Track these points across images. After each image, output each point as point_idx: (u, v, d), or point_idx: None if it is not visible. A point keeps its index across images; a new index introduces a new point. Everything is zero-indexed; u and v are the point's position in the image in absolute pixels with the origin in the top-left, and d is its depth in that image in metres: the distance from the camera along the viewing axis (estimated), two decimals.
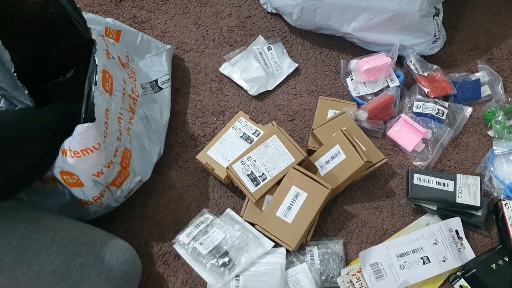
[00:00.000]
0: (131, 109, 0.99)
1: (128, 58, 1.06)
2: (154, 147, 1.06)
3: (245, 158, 1.00)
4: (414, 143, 1.08)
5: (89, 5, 1.35)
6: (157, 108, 1.12)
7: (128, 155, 0.95)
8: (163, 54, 1.18)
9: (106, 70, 0.87)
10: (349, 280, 0.95)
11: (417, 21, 1.10)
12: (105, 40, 0.92)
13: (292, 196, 0.96)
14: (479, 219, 0.99)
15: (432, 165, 1.08)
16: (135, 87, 1.03)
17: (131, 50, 1.13)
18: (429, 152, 1.08)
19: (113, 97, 0.89)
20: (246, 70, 1.21)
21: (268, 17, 1.33)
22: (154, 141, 1.07)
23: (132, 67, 1.07)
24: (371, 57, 1.16)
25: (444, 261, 0.94)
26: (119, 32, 1.10)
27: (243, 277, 0.93)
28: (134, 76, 1.06)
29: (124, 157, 0.93)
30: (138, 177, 0.99)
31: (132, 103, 1.00)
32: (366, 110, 1.09)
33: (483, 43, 1.27)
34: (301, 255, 0.97)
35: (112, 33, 1.08)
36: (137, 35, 1.15)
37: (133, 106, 1.01)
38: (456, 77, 1.17)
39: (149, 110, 1.09)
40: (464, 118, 1.13)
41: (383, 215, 1.04)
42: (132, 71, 1.06)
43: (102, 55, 0.88)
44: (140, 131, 1.03)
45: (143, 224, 1.04)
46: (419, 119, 1.10)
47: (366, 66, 1.13)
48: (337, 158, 0.99)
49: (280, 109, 1.18)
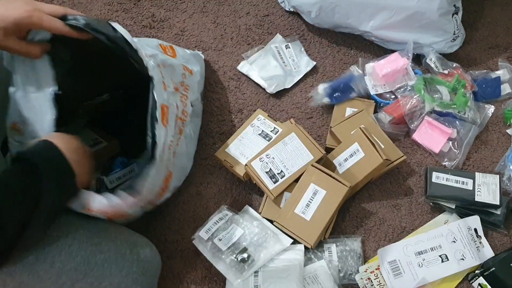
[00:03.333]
0: (180, 131, 0.98)
1: (184, 76, 1.04)
2: (189, 164, 1.08)
3: (263, 156, 1.00)
4: (441, 144, 1.07)
5: (108, 4, 1.37)
6: (197, 121, 1.12)
7: (169, 178, 0.95)
8: (204, 65, 1.17)
9: (164, 104, 0.86)
10: (367, 277, 0.95)
11: (436, 19, 1.10)
12: (160, 69, 0.90)
13: (310, 193, 0.96)
14: (498, 217, 0.99)
15: (461, 164, 1.08)
16: (186, 107, 1.02)
17: None
18: (457, 152, 1.08)
19: (168, 128, 0.89)
20: (264, 68, 1.22)
21: (286, 15, 1.33)
22: (190, 158, 1.08)
23: (187, 84, 1.04)
24: (387, 60, 1.15)
25: (462, 259, 0.94)
26: (172, 47, 1.08)
27: (262, 273, 0.94)
28: (186, 94, 1.03)
29: (166, 181, 0.94)
30: (170, 193, 1.01)
31: (181, 125, 0.99)
32: (392, 115, 1.09)
33: (502, 42, 1.26)
34: (319, 252, 0.98)
35: (167, 48, 1.06)
36: (184, 50, 1.13)
37: (182, 127, 1.00)
38: (476, 74, 1.17)
39: (193, 127, 1.08)
40: (487, 117, 1.13)
41: (401, 213, 1.04)
42: (186, 88, 1.04)
43: (159, 89, 0.86)
44: (183, 151, 1.02)
45: (162, 220, 1.05)
46: (442, 119, 1.09)
47: (384, 71, 1.12)
48: (355, 156, 0.99)
49: (298, 107, 1.18)
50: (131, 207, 0.86)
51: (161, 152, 0.84)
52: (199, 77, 1.12)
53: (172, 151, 0.94)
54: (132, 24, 1.32)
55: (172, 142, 0.91)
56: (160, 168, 0.85)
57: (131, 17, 1.34)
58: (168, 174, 0.94)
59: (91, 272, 0.81)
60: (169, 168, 0.94)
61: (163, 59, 0.97)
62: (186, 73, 1.05)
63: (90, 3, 1.37)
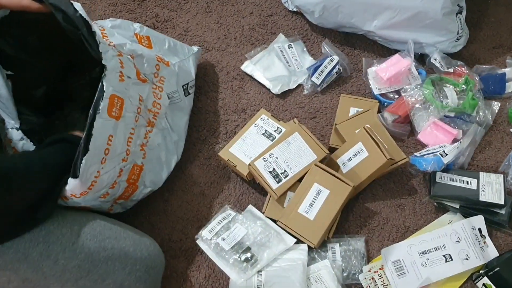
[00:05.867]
0: (149, 123, 0.98)
1: (158, 67, 1.02)
2: (171, 157, 1.07)
3: (267, 155, 1.00)
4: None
5: (112, 5, 1.37)
6: (181, 115, 1.11)
7: (138, 171, 0.96)
8: (190, 58, 1.16)
9: (115, 94, 0.85)
10: (371, 277, 0.95)
11: (440, 19, 1.10)
12: (123, 59, 0.89)
13: (314, 193, 0.96)
14: (503, 217, 0.98)
15: (467, 165, 1.07)
16: (160, 99, 1.01)
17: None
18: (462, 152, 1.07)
19: (122, 120, 0.87)
20: (269, 68, 1.22)
21: (289, 15, 1.33)
22: (171, 151, 1.07)
23: (162, 75, 1.03)
24: (388, 63, 1.15)
25: (466, 259, 0.94)
26: (148, 37, 1.07)
27: (265, 272, 0.94)
28: (161, 86, 1.03)
29: (131, 173, 0.94)
30: (148, 188, 1.01)
31: (152, 117, 0.99)
32: (398, 114, 1.09)
33: (506, 41, 1.26)
34: (323, 251, 0.98)
35: (143, 38, 1.06)
36: (164, 40, 1.12)
37: (153, 120, 0.99)
38: (481, 68, 1.17)
39: (173, 119, 1.08)
40: (493, 113, 1.12)
41: (405, 213, 1.04)
42: (161, 80, 1.03)
43: (113, 78, 0.85)
44: (157, 144, 1.02)
45: (166, 219, 1.05)
46: (448, 119, 1.09)
47: (388, 74, 1.12)
48: (359, 156, 0.99)
49: (301, 107, 1.18)
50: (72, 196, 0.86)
51: (103, 143, 0.83)
52: (177, 69, 1.09)
53: (139, 144, 0.94)
54: None
55: (132, 135, 0.91)
56: (97, 159, 0.83)
57: (135, 18, 1.34)
58: (133, 167, 0.94)
59: (95, 269, 0.82)
60: (136, 161, 0.94)
61: (133, 49, 0.96)
62: (161, 64, 1.04)
63: (94, 4, 1.37)
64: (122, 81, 0.87)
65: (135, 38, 1.03)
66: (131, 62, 0.93)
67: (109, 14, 1.35)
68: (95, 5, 1.37)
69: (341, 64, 1.19)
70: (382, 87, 1.15)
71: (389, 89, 1.14)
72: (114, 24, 1.02)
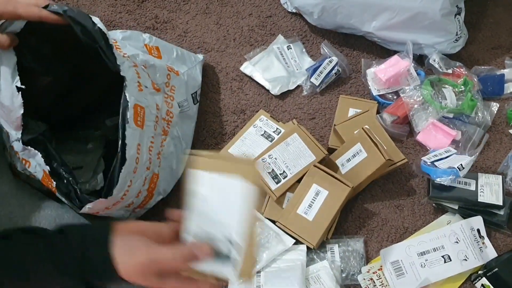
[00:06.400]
0: (164, 132, 0.98)
1: (169, 77, 1.03)
2: (180, 165, 1.06)
3: (266, 156, 1.01)
4: (445, 146, 1.06)
5: (112, 6, 1.37)
6: (190, 123, 1.11)
7: (155, 179, 0.96)
8: (197, 67, 1.16)
9: (138, 104, 0.86)
10: (369, 278, 0.95)
11: (438, 20, 1.10)
12: (138, 69, 0.90)
13: (313, 194, 0.96)
14: (501, 218, 0.98)
15: None
16: (172, 108, 1.01)
17: None
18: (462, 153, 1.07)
19: (145, 129, 0.88)
20: (268, 69, 1.22)
21: (288, 16, 1.33)
22: (180, 160, 1.07)
23: (173, 84, 1.04)
24: (387, 64, 1.15)
25: (465, 260, 0.94)
26: (157, 48, 1.08)
27: (264, 273, 0.94)
28: (172, 95, 1.03)
29: (151, 182, 0.94)
30: (160, 196, 1.01)
31: (166, 125, 0.99)
32: (397, 115, 1.09)
33: (505, 42, 1.26)
34: (322, 252, 0.98)
35: (153, 49, 1.06)
36: (172, 49, 1.12)
37: (167, 128, 1.00)
38: (480, 69, 1.17)
39: (182, 127, 1.07)
40: (492, 114, 1.12)
41: (404, 214, 1.04)
42: (172, 89, 1.03)
43: (133, 89, 0.86)
44: (170, 152, 1.02)
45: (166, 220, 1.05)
46: (447, 120, 1.09)
47: (387, 75, 1.12)
48: (358, 156, 0.99)
49: (301, 108, 1.18)
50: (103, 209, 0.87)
51: (134, 153, 0.84)
52: (186, 78, 1.10)
53: (156, 152, 0.94)
54: (136, 26, 1.33)
55: (152, 144, 0.91)
56: (131, 169, 0.84)
57: (135, 19, 1.34)
58: (153, 175, 0.94)
59: None
60: (154, 169, 0.94)
61: (145, 60, 0.96)
62: (172, 74, 1.04)
63: (94, 5, 1.37)
64: (141, 91, 0.88)
65: (146, 49, 1.04)
66: (145, 72, 0.93)
67: (108, 15, 1.35)
68: (94, 6, 1.37)
69: (340, 65, 1.19)
70: (381, 88, 1.15)
71: (388, 90, 1.14)
72: (125, 36, 1.02)
